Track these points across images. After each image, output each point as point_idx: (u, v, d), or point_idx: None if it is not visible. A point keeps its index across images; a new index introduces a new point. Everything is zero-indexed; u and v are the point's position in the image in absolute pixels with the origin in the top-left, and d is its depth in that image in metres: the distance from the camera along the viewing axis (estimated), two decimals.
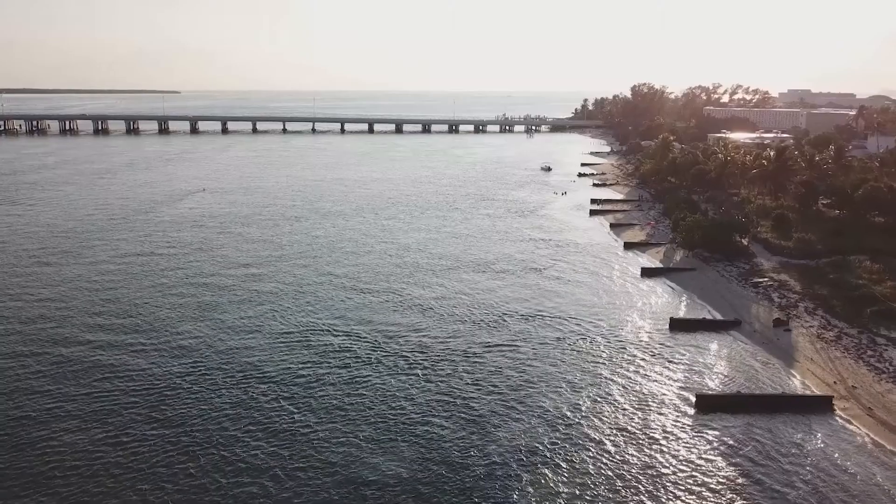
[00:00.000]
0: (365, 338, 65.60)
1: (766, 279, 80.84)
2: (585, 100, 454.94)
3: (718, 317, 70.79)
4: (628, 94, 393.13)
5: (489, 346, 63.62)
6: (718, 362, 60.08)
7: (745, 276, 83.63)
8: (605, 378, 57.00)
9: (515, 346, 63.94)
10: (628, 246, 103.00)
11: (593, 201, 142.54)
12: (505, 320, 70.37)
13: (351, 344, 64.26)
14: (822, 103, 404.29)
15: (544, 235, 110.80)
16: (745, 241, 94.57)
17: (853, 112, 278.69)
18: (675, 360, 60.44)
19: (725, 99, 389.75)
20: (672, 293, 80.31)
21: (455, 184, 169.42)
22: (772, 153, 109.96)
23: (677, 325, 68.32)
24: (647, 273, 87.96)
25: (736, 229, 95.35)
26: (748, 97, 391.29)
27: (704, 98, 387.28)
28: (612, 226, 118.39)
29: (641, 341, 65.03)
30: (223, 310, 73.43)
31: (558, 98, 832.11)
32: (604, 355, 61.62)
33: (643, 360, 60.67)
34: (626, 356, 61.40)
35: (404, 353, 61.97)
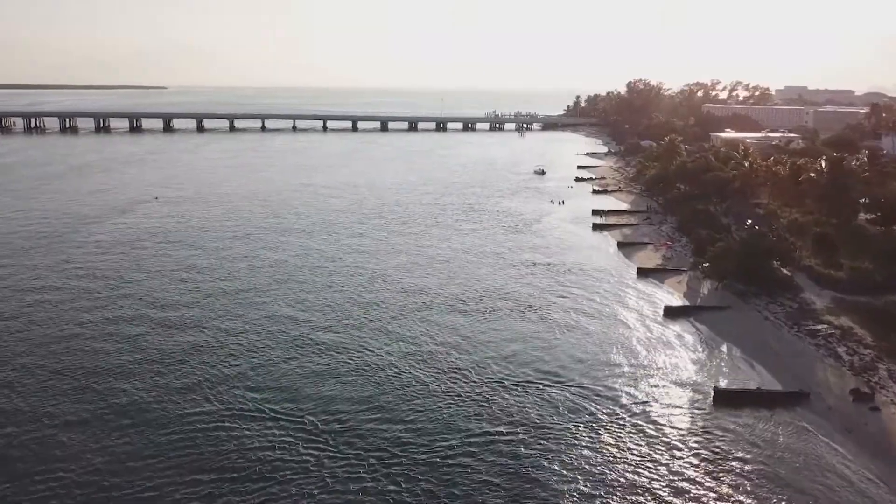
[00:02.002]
0: (304, 423, 48.61)
1: (825, 325, 64.22)
2: (578, 96, 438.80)
3: (776, 385, 54.14)
4: (621, 90, 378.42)
5: (476, 438, 46.75)
6: (793, 468, 43.28)
7: (796, 318, 66.97)
8: (640, 500, 40.24)
9: (511, 435, 47.10)
10: (643, 273, 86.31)
11: (595, 213, 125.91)
12: (496, 392, 53.41)
13: (286, 431, 47.31)
14: (820, 100, 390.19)
15: (542, 258, 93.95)
16: (787, 271, 78.08)
17: (863, 110, 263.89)
18: (732, 462, 43.69)
19: (723, 96, 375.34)
20: (707, 345, 63.54)
21: (440, 190, 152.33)
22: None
23: (724, 399, 51.68)
24: (671, 314, 71.22)
25: (775, 255, 78.88)
26: (747, 94, 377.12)
27: (701, 95, 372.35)
28: (620, 245, 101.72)
29: (680, 428, 48.22)
30: (119, 370, 56.23)
31: (547, 95, 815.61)
32: (633, 456, 44.69)
33: (688, 464, 43.84)
34: (663, 457, 44.52)
35: (361, 449, 45.08)
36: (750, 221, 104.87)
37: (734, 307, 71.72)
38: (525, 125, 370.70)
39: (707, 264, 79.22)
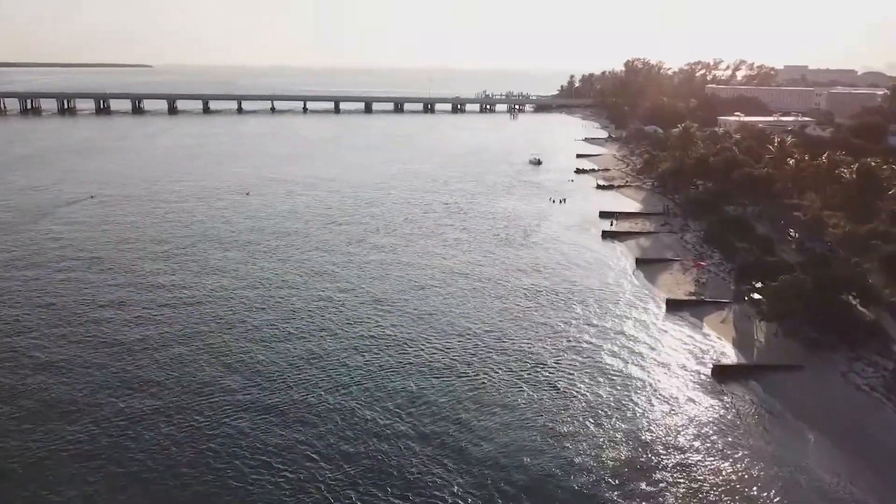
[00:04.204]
0: None
1: None
2: (572, 76, 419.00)
3: None
4: (617, 70, 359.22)
5: None
6: None
7: None
8: None
9: None
10: (673, 306, 68.12)
11: (603, 215, 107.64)
12: None
13: None
14: (823, 80, 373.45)
15: (542, 281, 75.62)
16: (868, 311, 60.09)
17: (880, 92, 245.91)
18: None
19: (722, 76, 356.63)
20: (786, 437, 45.30)
21: (425, 186, 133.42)
22: None
23: None
24: (723, 375, 53.21)
25: (851, 288, 60.81)
26: (751, 74, 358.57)
27: (701, 75, 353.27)
28: (638, 262, 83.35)
29: None
30: None
31: (538, 75, 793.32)
32: None
33: None
34: None
35: None
36: (795, 234, 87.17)
37: (807, 365, 53.76)
38: (517, 107, 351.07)
39: (763, 300, 60.88)
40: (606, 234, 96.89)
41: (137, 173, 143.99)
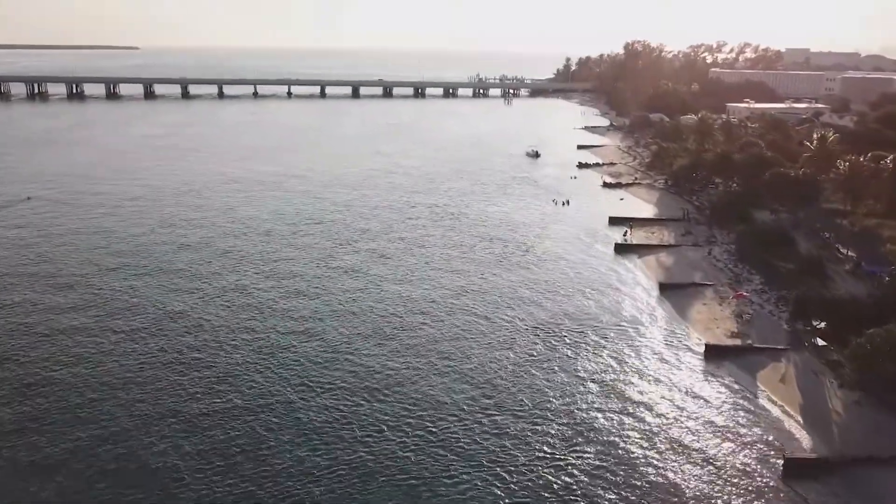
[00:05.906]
0: None
1: None
2: (568, 59, 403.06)
3: None
4: (611, 54, 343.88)
5: None
6: None
7: None
8: None
9: None
10: (714, 354, 54.23)
11: (614, 221, 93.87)
12: None
13: None
14: (827, 63, 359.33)
15: (550, 309, 61.68)
16: None
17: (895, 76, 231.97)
18: None
19: (724, 59, 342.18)
20: None
21: (410, 186, 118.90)
22: None
23: None
24: (798, 473, 39.27)
25: None
26: (755, 57, 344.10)
27: (702, 58, 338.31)
28: (662, 288, 69.28)
29: None
30: None
31: (533, 58, 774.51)
32: None
33: None
34: None
35: None
36: (846, 251, 73.40)
37: None
38: (512, 91, 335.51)
39: (848, 366, 46.99)
40: (620, 248, 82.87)
41: (94, 169, 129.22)
